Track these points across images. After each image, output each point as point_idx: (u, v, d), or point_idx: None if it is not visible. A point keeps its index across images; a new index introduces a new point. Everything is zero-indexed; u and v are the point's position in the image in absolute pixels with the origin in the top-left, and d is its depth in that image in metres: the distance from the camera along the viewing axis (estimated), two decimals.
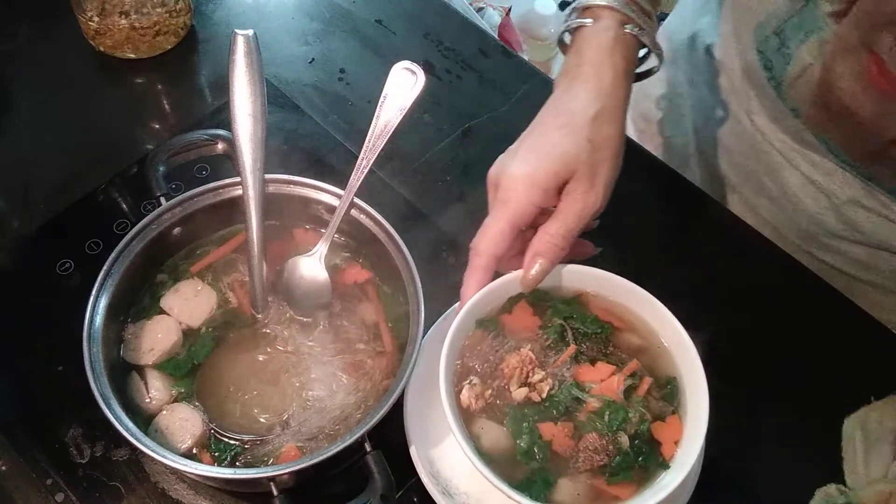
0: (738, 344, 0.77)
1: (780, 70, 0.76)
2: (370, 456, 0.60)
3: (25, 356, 0.73)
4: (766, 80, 0.79)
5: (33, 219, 0.81)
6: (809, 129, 0.77)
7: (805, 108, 0.76)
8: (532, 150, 0.64)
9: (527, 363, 0.63)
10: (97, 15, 0.88)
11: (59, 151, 0.86)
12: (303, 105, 0.91)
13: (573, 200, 0.63)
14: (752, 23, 0.78)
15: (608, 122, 0.64)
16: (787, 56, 0.74)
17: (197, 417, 0.64)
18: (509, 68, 0.98)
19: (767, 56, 0.77)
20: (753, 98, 0.84)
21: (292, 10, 1.01)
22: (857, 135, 0.73)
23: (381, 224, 0.68)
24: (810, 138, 0.78)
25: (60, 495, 0.66)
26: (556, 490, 0.60)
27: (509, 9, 2.02)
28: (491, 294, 0.66)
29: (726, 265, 0.84)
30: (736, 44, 0.84)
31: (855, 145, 0.75)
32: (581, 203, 0.63)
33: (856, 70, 0.67)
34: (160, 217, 0.69)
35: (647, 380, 0.64)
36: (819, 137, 0.77)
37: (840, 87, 0.69)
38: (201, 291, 0.70)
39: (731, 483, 0.70)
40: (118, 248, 0.66)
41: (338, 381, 0.67)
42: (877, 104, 0.67)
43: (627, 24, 0.66)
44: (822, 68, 0.70)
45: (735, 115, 0.89)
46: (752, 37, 0.78)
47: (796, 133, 0.80)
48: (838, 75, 0.69)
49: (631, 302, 0.67)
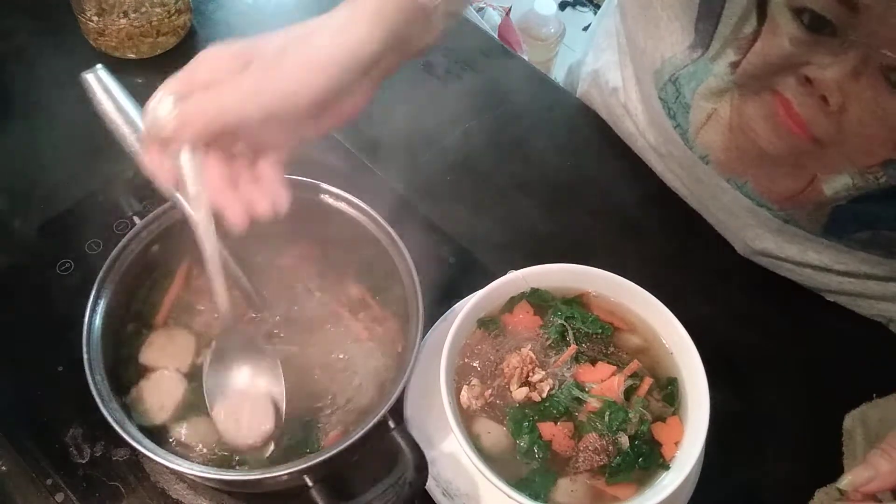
0: (739, 344, 0.77)
1: (684, 119, 0.73)
2: (395, 432, 0.59)
3: (25, 356, 0.73)
4: (671, 128, 0.76)
5: (33, 219, 0.81)
6: (722, 175, 0.75)
7: (716, 155, 0.73)
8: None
9: (527, 363, 0.63)
10: (97, 15, 0.88)
11: (59, 151, 0.86)
12: None
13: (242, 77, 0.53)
14: (649, 68, 0.76)
15: (330, 30, 0.54)
16: (685, 105, 0.72)
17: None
18: (509, 68, 0.98)
19: (668, 105, 0.75)
20: (661, 145, 0.82)
21: (292, 10, 1.01)
22: (774, 177, 0.71)
23: (380, 224, 0.68)
24: (724, 183, 0.76)
25: (60, 495, 0.66)
26: (556, 490, 0.60)
27: (509, 9, 2.02)
28: (492, 294, 0.66)
29: (727, 265, 0.84)
30: (639, 89, 0.82)
31: (772, 188, 0.72)
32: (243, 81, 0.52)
33: (765, 113, 0.65)
34: (160, 217, 0.68)
35: (648, 380, 0.64)
36: (733, 182, 0.75)
37: (753, 129, 0.67)
38: (175, 335, 0.68)
39: (731, 483, 0.70)
40: (118, 248, 0.66)
41: (354, 354, 0.67)
42: (789, 147, 0.65)
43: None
44: (732, 112, 0.68)
45: (647, 160, 0.89)
46: (652, 83, 0.76)
47: (709, 178, 0.78)
48: (749, 118, 0.66)
49: (632, 302, 0.67)
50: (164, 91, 0.52)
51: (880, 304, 0.80)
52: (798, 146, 0.64)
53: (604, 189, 0.90)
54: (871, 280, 0.77)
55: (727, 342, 0.75)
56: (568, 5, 2.23)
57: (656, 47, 0.73)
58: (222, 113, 0.51)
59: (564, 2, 2.22)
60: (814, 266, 0.78)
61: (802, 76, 0.60)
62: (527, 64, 1.02)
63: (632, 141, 0.89)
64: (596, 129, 0.93)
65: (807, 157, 0.65)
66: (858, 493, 0.62)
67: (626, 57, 0.83)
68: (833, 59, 0.57)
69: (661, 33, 0.71)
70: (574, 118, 0.95)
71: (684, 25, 0.68)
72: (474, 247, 0.82)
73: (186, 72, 0.53)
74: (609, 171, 0.91)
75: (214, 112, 0.51)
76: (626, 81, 0.85)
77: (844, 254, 0.75)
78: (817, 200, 0.69)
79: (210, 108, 0.52)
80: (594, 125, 0.94)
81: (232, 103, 0.52)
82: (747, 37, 0.62)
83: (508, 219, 0.85)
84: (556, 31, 2.02)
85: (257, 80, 0.52)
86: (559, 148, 0.93)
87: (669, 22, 0.70)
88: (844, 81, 0.57)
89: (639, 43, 0.76)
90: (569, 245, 0.83)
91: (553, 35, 2.02)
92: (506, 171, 0.89)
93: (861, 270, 0.76)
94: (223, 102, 0.51)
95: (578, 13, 2.22)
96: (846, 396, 0.74)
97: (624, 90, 0.86)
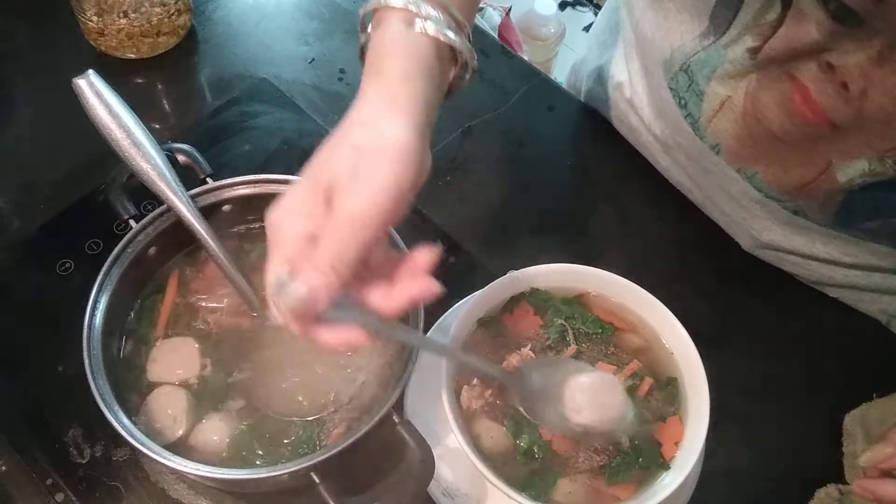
0: (739, 344, 0.77)
1: (696, 107, 0.73)
2: (401, 426, 0.59)
3: (25, 356, 0.73)
4: (682, 118, 0.75)
5: (33, 219, 0.81)
6: (732, 165, 0.75)
7: (727, 143, 0.72)
8: (300, 178, 0.52)
9: None
10: (96, 15, 0.88)
11: (59, 151, 0.86)
12: (303, 105, 0.91)
13: (334, 215, 0.49)
14: (658, 59, 0.75)
15: (381, 124, 0.51)
16: (699, 93, 0.71)
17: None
18: (509, 68, 0.98)
19: (680, 94, 0.74)
20: (669, 137, 0.82)
21: (292, 10, 1.01)
22: (787, 165, 0.70)
23: None
24: (733, 174, 0.76)
25: (60, 495, 0.66)
26: (556, 490, 0.60)
27: (509, 9, 2.02)
28: (492, 294, 0.66)
29: (728, 265, 0.84)
30: (646, 82, 0.82)
31: (784, 177, 0.72)
32: (340, 215, 0.48)
33: (779, 100, 0.65)
34: (161, 216, 0.69)
35: (648, 380, 0.64)
36: (743, 172, 0.74)
37: (767, 117, 0.66)
38: (177, 346, 0.67)
39: (730, 483, 0.70)
40: (118, 248, 0.66)
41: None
42: (803, 133, 0.65)
43: (417, 21, 0.55)
44: (746, 99, 0.68)
45: (651, 155, 0.89)
46: (662, 74, 0.76)
47: (718, 168, 0.77)
48: (763, 105, 0.66)
49: (632, 303, 0.67)
50: (276, 275, 0.48)
51: (884, 297, 0.80)
52: (813, 132, 0.64)
53: (604, 189, 0.90)
54: (876, 273, 0.77)
55: (727, 342, 0.75)
56: (568, 5, 2.23)
57: (665, 37, 0.73)
58: (345, 262, 0.48)
59: (564, 2, 2.22)
60: (820, 258, 0.78)
61: (825, 62, 0.60)
62: (527, 64, 1.02)
63: (636, 136, 0.89)
64: (596, 128, 0.93)
65: (823, 143, 0.65)
66: (877, 470, 0.63)
67: (633, 50, 0.83)
68: (857, 45, 0.57)
69: (670, 23, 0.71)
70: (574, 118, 0.95)
71: (694, 14, 0.68)
72: (474, 247, 0.82)
73: (278, 245, 0.49)
74: (609, 172, 0.91)
75: (340, 265, 0.48)
76: (633, 75, 0.85)
77: (852, 245, 0.75)
78: (829, 189, 0.69)
79: (334, 264, 0.48)
80: (594, 125, 0.94)
81: (348, 246, 0.48)
82: (770, 23, 0.62)
83: (508, 219, 0.85)
84: (556, 31, 2.02)
85: (354, 212, 0.48)
86: (559, 148, 0.93)
87: (678, 12, 0.70)
88: (868, 67, 0.57)
89: (646, 34, 0.76)
90: (569, 245, 0.83)
91: (553, 35, 2.02)
92: (506, 170, 0.89)
93: (868, 262, 0.76)
94: (339, 252, 0.48)
95: (578, 13, 2.22)
96: (846, 396, 0.74)
97: (630, 84, 0.86)
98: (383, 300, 0.51)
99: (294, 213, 0.50)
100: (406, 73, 0.53)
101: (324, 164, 0.50)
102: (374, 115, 0.52)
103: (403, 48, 0.54)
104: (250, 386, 0.66)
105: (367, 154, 0.50)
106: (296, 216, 0.50)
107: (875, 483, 0.65)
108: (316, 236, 0.49)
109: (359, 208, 0.48)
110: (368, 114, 0.52)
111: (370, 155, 0.50)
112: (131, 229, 0.67)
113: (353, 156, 0.50)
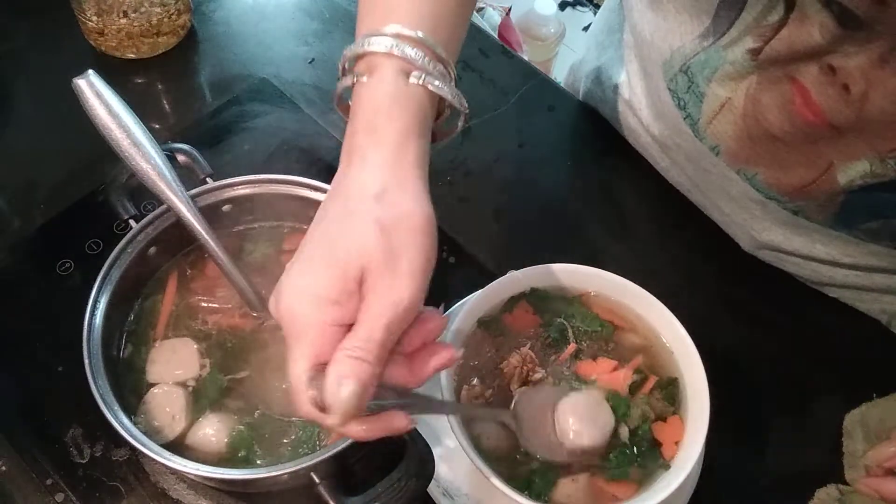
0: (739, 344, 0.77)
1: (695, 109, 0.73)
2: None
3: (25, 356, 0.73)
4: (681, 119, 0.75)
5: (33, 219, 0.81)
6: (732, 167, 0.74)
7: (727, 145, 0.72)
8: (310, 256, 0.50)
9: (527, 362, 0.63)
10: (96, 15, 0.88)
11: (59, 151, 0.86)
12: (303, 105, 0.91)
13: (373, 300, 0.47)
14: (657, 60, 0.75)
15: (398, 197, 0.50)
16: (699, 95, 0.71)
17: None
18: (509, 68, 0.98)
19: (679, 95, 0.74)
20: (668, 138, 0.82)
21: (292, 10, 1.01)
22: (787, 166, 0.70)
23: None
24: (733, 175, 0.75)
25: (60, 495, 0.66)
26: (556, 490, 0.60)
27: (509, 9, 2.02)
28: (492, 294, 0.66)
29: (728, 265, 0.84)
30: (645, 83, 0.82)
31: (784, 179, 0.71)
32: (382, 301, 0.47)
33: (780, 101, 0.64)
34: (161, 216, 0.69)
35: (652, 378, 0.64)
36: (743, 173, 0.74)
37: (767, 118, 0.66)
38: (176, 347, 0.67)
39: (731, 483, 0.70)
40: (118, 248, 0.66)
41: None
42: (804, 135, 0.65)
43: (413, 73, 0.53)
44: (746, 101, 0.67)
45: (650, 156, 0.89)
46: (661, 75, 0.75)
47: (718, 169, 0.77)
48: (764, 107, 0.66)
49: (632, 302, 0.67)
50: (305, 371, 0.46)
51: (885, 297, 0.80)
52: (814, 134, 0.64)
53: (604, 189, 0.90)
54: (876, 273, 0.77)
55: (727, 342, 0.75)
56: (568, 5, 2.23)
57: (664, 38, 0.73)
58: (388, 348, 0.47)
59: (564, 2, 2.22)
60: (820, 259, 0.78)
61: (826, 64, 0.60)
62: (527, 64, 1.02)
63: (634, 137, 0.89)
64: (596, 128, 0.93)
65: (824, 144, 0.65)
66: (881, 469, 0.63)
67: (632, 51, 0.83)
68: (858, 48, 0.57)
69: (669, 24, 0.71)
70: (574, 118, 0.95)
71: (693, 14, 0.68)
72: (474, 247, 0.82)
73: (305, 337, 0.47)
74: (609, 172, 0.91)
75: (384, 353, 0.47)
76: (631, 76, 0.85)
77: (852, 245, 0.75)
78: (829, 190, 0.69)
79: (380, 354, 0.47)
80: (594, 125, 0.94)
81: (394, 333, 0.47)
82: (772, 25, 0.61)
83: (508, 219, 0.85)
84: (556, 31, 2.02)
85: (402, 297, 0.47)
86: (559, 148, 0.93)
87: (678, 13, 0.70)
88: (869, 70, 0.57)
89: (645, 36, 0.76)
90: (569, 245, 0.83)
91: (553, 35, 2.02)
92: (506, 170, 0.89)
93: (868, 263, 0.76)
94: (385, 340, 0.47)
95: (578, 13, 2.22)
96: (846, 396, 0.74)
97: (628, 85, 0.86)
98: (409, 376, 0.50)
99: (321, 301, 0.47)
100: (406, 133, 0.52)
101: (348, 246, 0.48)
102: (385, 185, 0.50)
103: (399, 104, 0.53)
104: (250, 386, 0.66)
105: (397, 235, 0.48)
106: (324, 304, 0.47)
107: (880, 481, 0.65)
108: (345, 325, 0.47)
109: (407, 293, 0.47)
110: (378, 183, 0.50)
111: (401, 236, 0.48)
112: (131, 229, 0.67)
113: (382, 238, 0.48)
